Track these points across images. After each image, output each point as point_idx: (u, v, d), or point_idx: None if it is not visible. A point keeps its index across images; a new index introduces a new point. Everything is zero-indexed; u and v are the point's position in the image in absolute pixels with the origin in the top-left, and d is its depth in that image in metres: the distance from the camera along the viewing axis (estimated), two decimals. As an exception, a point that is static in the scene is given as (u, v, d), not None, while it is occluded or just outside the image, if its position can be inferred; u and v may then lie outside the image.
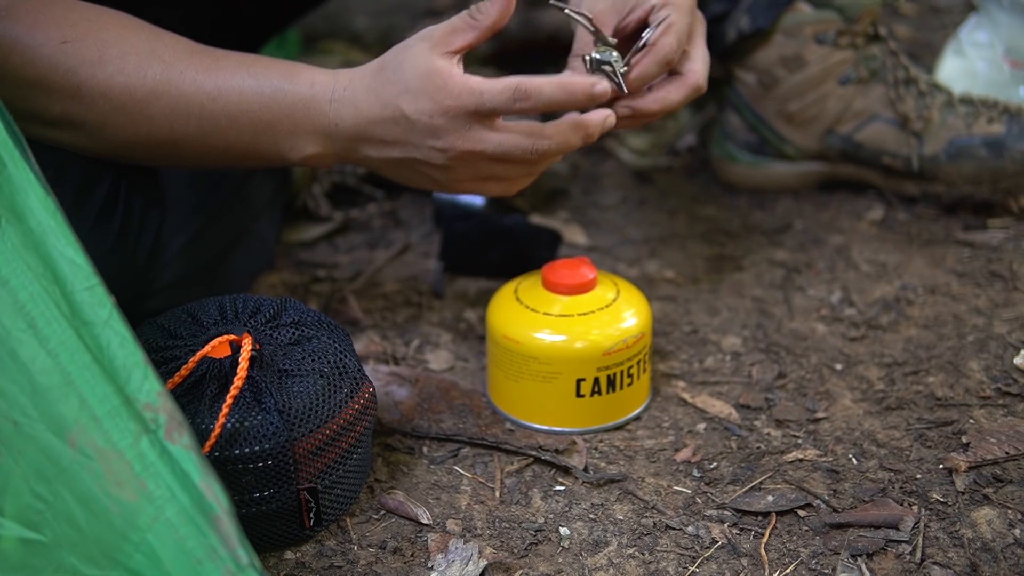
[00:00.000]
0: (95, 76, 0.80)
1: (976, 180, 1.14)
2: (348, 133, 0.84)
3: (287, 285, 1.10)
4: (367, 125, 0.83)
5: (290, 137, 0.84)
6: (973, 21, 1.33)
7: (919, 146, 1.14)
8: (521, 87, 0.80)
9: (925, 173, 1.15)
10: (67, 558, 0.60)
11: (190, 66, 0.82)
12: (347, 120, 0.83)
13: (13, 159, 0.64)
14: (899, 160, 1.16)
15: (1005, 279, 1.07)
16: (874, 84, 1.16)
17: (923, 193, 1.17)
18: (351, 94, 0.83)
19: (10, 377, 0.60)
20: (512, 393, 0.90)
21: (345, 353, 0.80)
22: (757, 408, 0.92)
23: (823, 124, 1.18)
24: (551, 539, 0.80)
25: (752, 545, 0.79)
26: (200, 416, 0.74)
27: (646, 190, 1.27)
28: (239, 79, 0.83)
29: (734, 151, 1.23)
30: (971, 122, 1.13)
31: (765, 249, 1.15)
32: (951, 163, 1.13)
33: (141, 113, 0.82)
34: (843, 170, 1.21)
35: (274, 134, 0.84)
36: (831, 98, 1.17)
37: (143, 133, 0.83)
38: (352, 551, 0.79)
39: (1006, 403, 0.91)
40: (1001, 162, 1.12)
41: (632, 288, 0.93)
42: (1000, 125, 1.12)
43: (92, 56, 0.80)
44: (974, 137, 1.13)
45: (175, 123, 0.83)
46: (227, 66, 0.83)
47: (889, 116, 1.15)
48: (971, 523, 0.79)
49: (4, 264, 0.61)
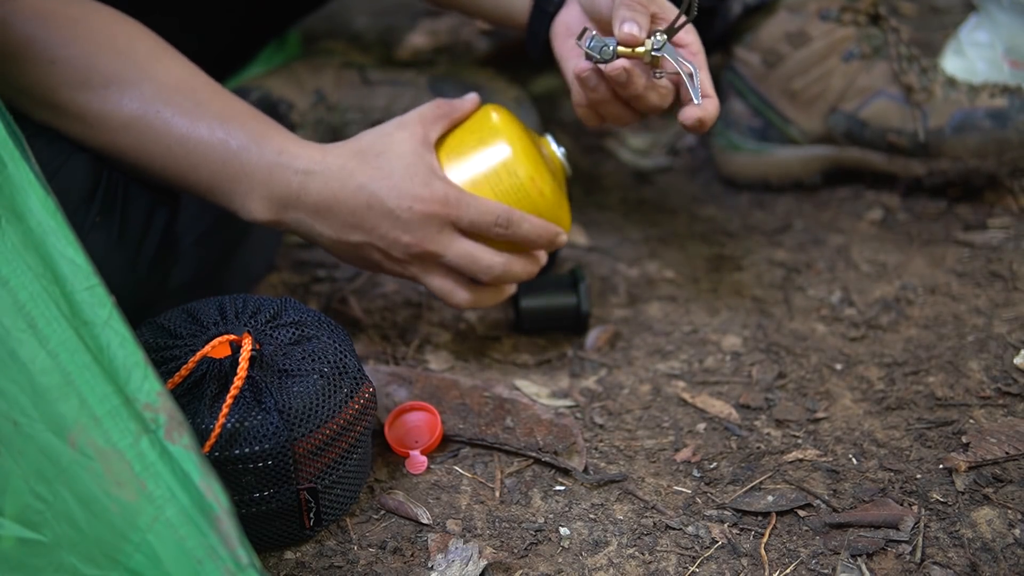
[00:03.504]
0: (74, 99, 0.83)
1: (981, 153, 1.13)
2: (311, 207, 0.85)
3: (287, 285, 1.10)
4: (335, 203, 0.85)
5: (244, 196, 0.85)
6: (973, 21, 1.33)
7: (923, 119, 1.14)
8: (507, 216, 0.87)
9: (930, 148, 1.15)
10: (67, 558, 0.60)
11: (168, 105, 0.84)
12: (313, 194, 0.84)
13: (13, 159, 0.64)
14: (904, 137, 1.15)
15: (1005, 279, 1.07)
16: (877, 60, 1.16)
17: (929, 171, 1.16)
18: (323, 169, 0.84)
19: (10, 377, 0.60)
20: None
21: (345, 353, 0.80)
22: (757, 408, 0.92)
23: (827, 102, 1.18)
24: (551, 539, 0.80)
25: (752, 545, 0.79)
26: (200, 416, 0.74)
27: (646, 190, 1.27)
28: (211, 129, 0.84)
29: (737, 140, 1.23)
30: (973, 97, 1.14)
31: (765, 249, 1.15)
32: (956, 136, 1.13)
33: (110, 140, 0.84)
34: (848, 154, 1.20)
35: (229, 190, 0.85)
36: (835, 75, 1.17)
37: (112, 155, 0.86)
38: (352, 551, 0.79)
39: (1006, 403, 0.91)
40: (1006, 132, 1.12)
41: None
42: (1002, 99, 1.13)
43: (77, 80, 0.82)
44: (977, 109, 1.13)
45: (140, 155, 0.85)
46: (205, 114, 0.84)
47: (893, 92, 1.15)
48: (971, 523, 0.79)
49: (4, 264, 0.61)
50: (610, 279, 1.10)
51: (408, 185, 0.84)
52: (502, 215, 0.87)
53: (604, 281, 1.10)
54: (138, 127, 0.83)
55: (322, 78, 1.18)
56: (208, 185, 0.85)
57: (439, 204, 0.85)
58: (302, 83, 1.17)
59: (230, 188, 0.85)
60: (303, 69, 1.19)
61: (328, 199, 0.85)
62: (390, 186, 0.84)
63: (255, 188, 0.85)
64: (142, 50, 0.85)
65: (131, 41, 0.85)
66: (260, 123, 0.86)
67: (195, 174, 0.85)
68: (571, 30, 0.93)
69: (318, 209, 0.85)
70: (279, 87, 1.16)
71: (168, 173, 0.86)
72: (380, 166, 0.84)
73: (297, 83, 1.17)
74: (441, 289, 0.90)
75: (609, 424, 0.91)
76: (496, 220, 0.87)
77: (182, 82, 0.85)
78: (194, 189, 0.86)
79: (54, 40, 0.82)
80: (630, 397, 0.94)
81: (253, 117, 0.86)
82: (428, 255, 0.87)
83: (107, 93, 0.83)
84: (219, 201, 0.86)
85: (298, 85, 1.17)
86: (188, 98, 0.84)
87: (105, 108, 0.83)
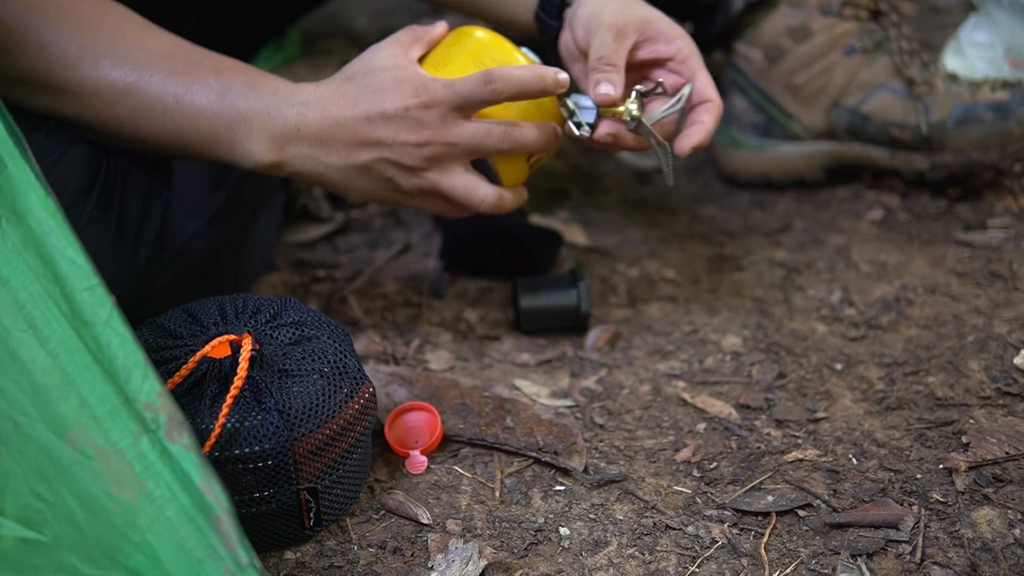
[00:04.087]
0: (69, 77, 0.83)
1: (984, 146, 1.13)
2: (312, 136, 0.85)
3: (287, 285, 1.10)
4: (335, 127, 0.84)
5: (244, 141, 0.85)
6: (973, 21, 1.33)
7: (925, 113, 1.14)
8: (490, 72, 0.84)
9: (932, 142, 1.15)
10: (67, 558, 0.60)
11: (162, 69, 0.84)
12: (313, 123, 0.84)
13: (13, 159, 0.64)
14: (906, 131, 1.15)
15: (1005, 279, 1.07)
16: (879, 55, 1.16)
17: (932, 165, 1.16)
18: (317, 98, 0.85)
19: (10, 377, 0.60)
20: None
21: (345, 353, 0.80)
22: (757, 408, 0.92)
23: (829, 96, 1.18)
24: (551, 539, 0.80)
25: (752, 545, 0.79)
26: (200, 416, 0.74)
27: (646, 190, 1.27)
28: (206, 83, 0.85)
29: (739, 136, 1.23)
30: (974, 91, 1.14)
31: (765, 249, 1.15)
32: (958, 129, 1.13)
33: (108, 112, 0.85)
34: (850, 149, 1.20)
35: (229, 138, 0.85)
36: (837, 69, 1.17)
37: (111, 130, 0.86)
38: (352, 551, 0.79)
39: (1006, 403, 0.91)
40: (1008, 125, 1.12)
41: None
42: (1003, 93, 1.13)
43: (69, 58, 0.83)
44: (979, 102, 1.13)
45: (140, 122, 0.85)
46: (198, 71, 0.85)
47: (895, 86, 1.15)
48: (971, 523, 0.79)
49: (4, 264, 0.61)
50: (610, 279, 1.10)
51: (399, 89, 0.84)
52: (487, 73, 0.84)
53: (604, 281, 1.10)
54: (134, 92, 0.84)
55: (322, 78, 1.18)
56: (208, 137, 0.85)
57: (430, 94, 0.84)
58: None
59: (230, 136, 0.85)
60: (303, 69, 1.20)
61: (328, 125, 0.85)
62: (383, 95, 0.84)
63: (254, 129, 0.85)
64: (130, 27, 0.86)
65: (118, 20, 0.86)
66: (253, 72, 0.87)
67: (194, 130, 0.85)
68: (573, 55, 0.95)
69: (320, 138, 0.85)
70: (279, 87, 1.16)
71: (168, 136, 0.85)
72: (369, 83, 0.85)
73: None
74: (465, 186, 0.88)
75: (609, 424, 0.91)
76: (483, 79, 0.84)
77: (173, 47, 0.86)
78: (194, 146, 0.86)
79: (43, 26, 0.83)
80: (630, 397, 0.94)
81: (245, 69, 0.87)
82: (441, 150, 0.86)
83: (99, 64, 0.83)
84: (221, 153, 0.86)
85: (298, 85, 1.17)
86: (180, 60, 0.85)
87: (100, 79, 0.83)
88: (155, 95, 0.84)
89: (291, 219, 1.19)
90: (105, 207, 0.87)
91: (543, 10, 0.97)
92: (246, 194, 1.02)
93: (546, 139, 0.90)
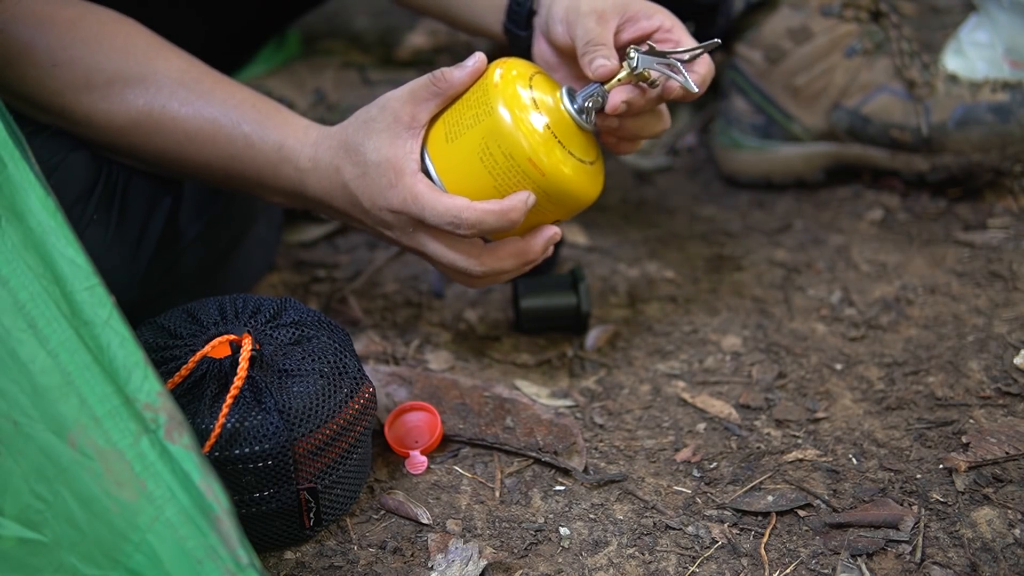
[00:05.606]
0: (80, 101, 0.84)
1: (984, 147, 1.13)
2: (312, 199, 0.89)
3: (287, 285, 1.10)
4: (329, 199, 0.87)
5: (256, 188, 0.90)
6: (973, 21, 1.33)
7: (926, 114, 1.14)
8: (460, 216, 0.81)
9: (933, 143, 1.15)
10: (67, 558, 0.60)
11: (173, 98, 0.85)
12: (311, 190, 0.88)
13: (13, 159, 0.64)
14: (907, 132, 1.15)
15: (1005, 279, 1.07)
16: (879, 56, 1.16)
17: (932, 166, 1.16)
18: (315, 167, 0.86)
19: (10, 377, 0.60)
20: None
21: (345, 353, 0.80)
22: (757, 408, 0.92)
23: (830, 98, 1.18)
24: (551, 539, 0.80)
25: (752, 545, 0.79)
26: (200, 416, 0.74)
27: (646, 190, 1.27)
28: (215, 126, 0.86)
29: (739, 138, 1.23)
30: (975, 92, 1.14)
31: (765, 249, 1.15)
32: (959, 130, 1.13)
33: (122, 138, 0.86)
34: (850, 151, 1.20)
35: (242, 183, 0.90)
36: (837, 70, 1.17)
37: (123, 151, 0.88)
38: (352, 551, 0.79)
39: (1006, 403, 0.91)
40: (1008, 126, 1.12)
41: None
42: (1004, 94, 1.13)
43: (79, 82, 0.83)
44: (979, 104, 1.13)
45: (156, 150, 0.87)
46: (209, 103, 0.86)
47: (895, 87, 1.15)
48: (971, 523, 0.79)
49: (4, 264, 0.61)
50: (610, 279, 1.10)
51: (376, 186, 0.84)
52: (457, 216, 0.81)
53: (604, 281, 1.10)
54: (147, 124, 0.85)
55: (322, 78, 1.18)
56: (223, 178, 0.89)
57: (399, 204, 0.83)
58: (302, 83, 1.17)
59: (242, 181, 0.89)
60: (303, 69, 1.20)
61: (324, 195, 0.87)
62: (364, 186, 0.84)
63: (264, 182, 0.88)
64: (140, 45, 0.86)
65: (129, 38, 0.86)
66: (261, 113, 0.87)
67: (209, 170, 0.88)
68: (550, 65, 0.93)
69: (319, 201, 0.88)
70: (279, 87, 1.16)
71: (185, 165, 0.88)
72: (358, 162, 0.84)
73: (297, 83, 1.17)
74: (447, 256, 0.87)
75: (609, 424, 0.91)
76: (452, 221, 0.81)
77: (184, 73, 0.86)
78: (211, 182, 0.91)
79: (54, 44, 0.82)
80: (630, 397, 0.94)
81: (254, 106, 0.87)
82: (413, 250, 0.88)
83: (110, 91, 0.84)
84: (239, 189, 0.91)
85: (298, 85, 1.17)
86: (193, 88, 0.86)
87: (112, 108, 0.84)
88: (168, 129, 0.85)
89: (291, 219, 1.19)
90: (105, 211, 0.87)
91: (510, 21, 0.94)
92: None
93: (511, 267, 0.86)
